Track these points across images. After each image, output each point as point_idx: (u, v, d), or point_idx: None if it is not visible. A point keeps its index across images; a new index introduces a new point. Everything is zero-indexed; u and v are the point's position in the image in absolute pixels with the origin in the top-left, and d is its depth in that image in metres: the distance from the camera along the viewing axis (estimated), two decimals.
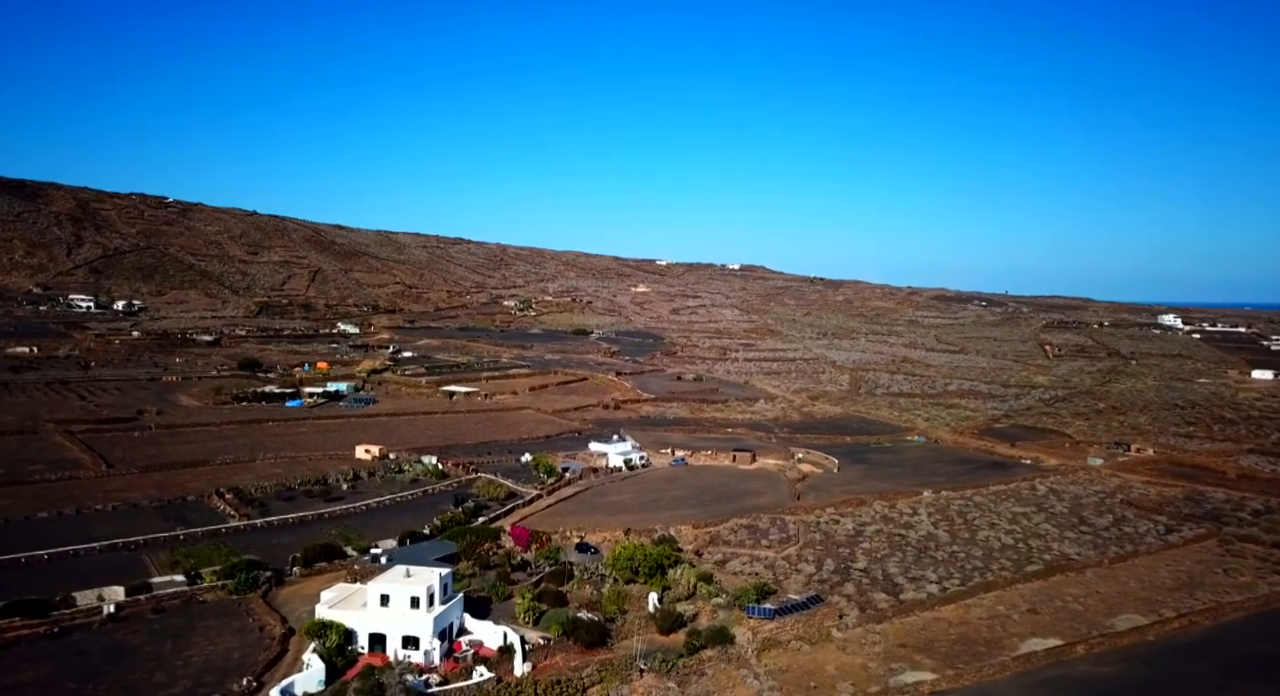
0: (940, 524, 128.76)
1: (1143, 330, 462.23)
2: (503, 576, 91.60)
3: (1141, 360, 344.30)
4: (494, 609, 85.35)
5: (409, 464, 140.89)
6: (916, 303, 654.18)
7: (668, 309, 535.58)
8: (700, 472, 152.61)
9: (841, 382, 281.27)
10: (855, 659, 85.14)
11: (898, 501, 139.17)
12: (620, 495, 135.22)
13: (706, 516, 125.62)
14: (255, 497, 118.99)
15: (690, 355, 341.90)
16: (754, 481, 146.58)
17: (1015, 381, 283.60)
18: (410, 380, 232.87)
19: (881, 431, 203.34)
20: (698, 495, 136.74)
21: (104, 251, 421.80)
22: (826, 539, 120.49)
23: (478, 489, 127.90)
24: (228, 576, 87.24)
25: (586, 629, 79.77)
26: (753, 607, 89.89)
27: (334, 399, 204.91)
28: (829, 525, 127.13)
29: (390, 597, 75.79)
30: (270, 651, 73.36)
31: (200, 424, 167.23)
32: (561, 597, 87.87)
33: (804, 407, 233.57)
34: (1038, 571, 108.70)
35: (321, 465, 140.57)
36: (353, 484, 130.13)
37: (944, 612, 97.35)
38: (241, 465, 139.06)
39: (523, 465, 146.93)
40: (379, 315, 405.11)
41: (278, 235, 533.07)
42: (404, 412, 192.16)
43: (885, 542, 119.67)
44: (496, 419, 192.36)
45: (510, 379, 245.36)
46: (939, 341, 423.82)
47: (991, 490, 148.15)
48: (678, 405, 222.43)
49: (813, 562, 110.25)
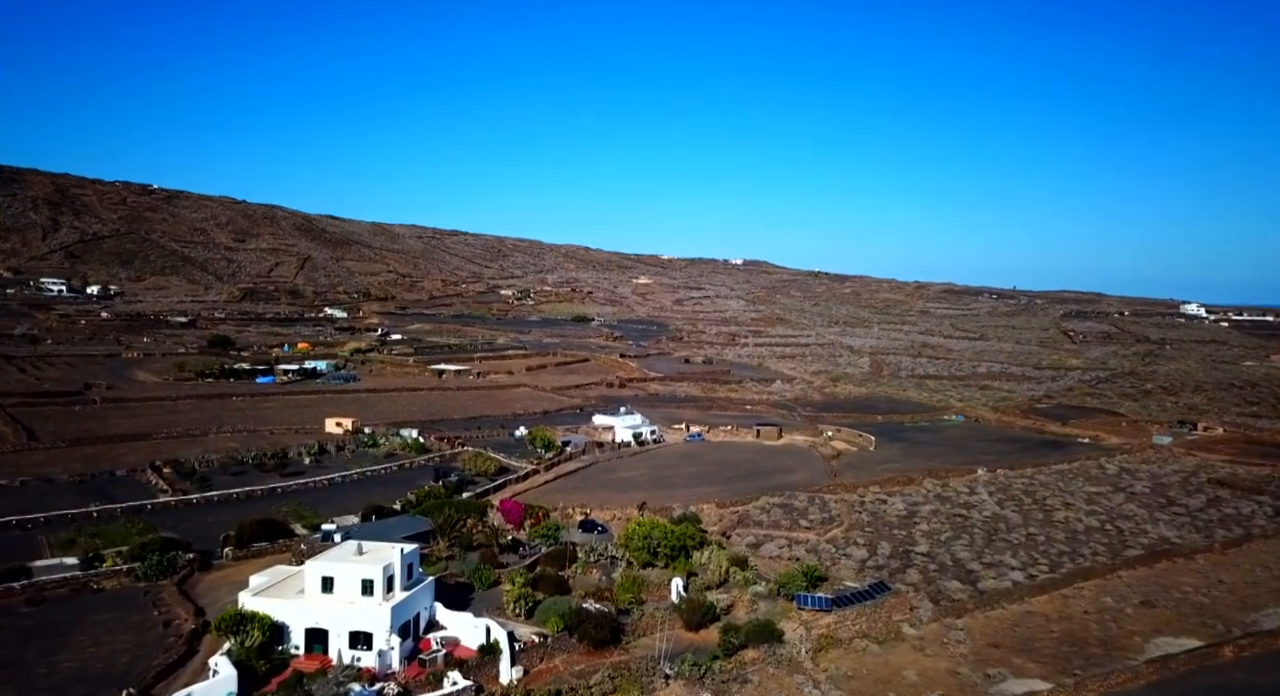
0: (1006, 504, 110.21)
1: (1166, 319, 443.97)
2: (488, 558, 72.96)
3: (1175, 345, 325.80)
4: (476, 598, 66.75)
5: (385, 437, 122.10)
6: (926, 295, 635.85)
7: (671, 300, 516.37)
8: (720, 448, 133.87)
9: (861, 365, 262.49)
10: (939, 662, 66.41)
11: (950, 479, 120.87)
12: (630, 471, 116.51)
13: (732, 494, 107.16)
14: (196, 471, 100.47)
15: (697, 341, 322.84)
16: (783, 457, 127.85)
17: (1047, 364, 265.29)
18: (397, 359, 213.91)
19: (914, 411, 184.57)
20: (719, 472, 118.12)
21: (81, 236, 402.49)
22: (875, 519, 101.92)
23: (463, 463, 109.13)
24: (137, 559, 68.63)
25: (594, 623, 61.27)
26: (804, 596, 71.23)
27: (311, 376, 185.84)
28: (875, 504, 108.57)
29: (335, 581, 57.14)
30: (172, 653, 54.71)
31: (153, 398, 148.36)
32: (562, 584, 69.34)
33: (825, 388, 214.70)
34: (1139, 557, 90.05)
35: (285, 440, 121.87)
36: (317, 458, 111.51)
37: (1036, 604, 78.76)
38: (191, 439, 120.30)
39: (517, 440, 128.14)
40: (370, 302, 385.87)
41: (267, 223, 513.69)
42: (387, 389, 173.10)
43: (946, 523, 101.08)
44: (489, 396, 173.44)
45: (505, 359, 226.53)
46: (955, 329, 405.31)
47: (1055, 468, 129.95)
48: (688, 384, 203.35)
49: (864, 546, 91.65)
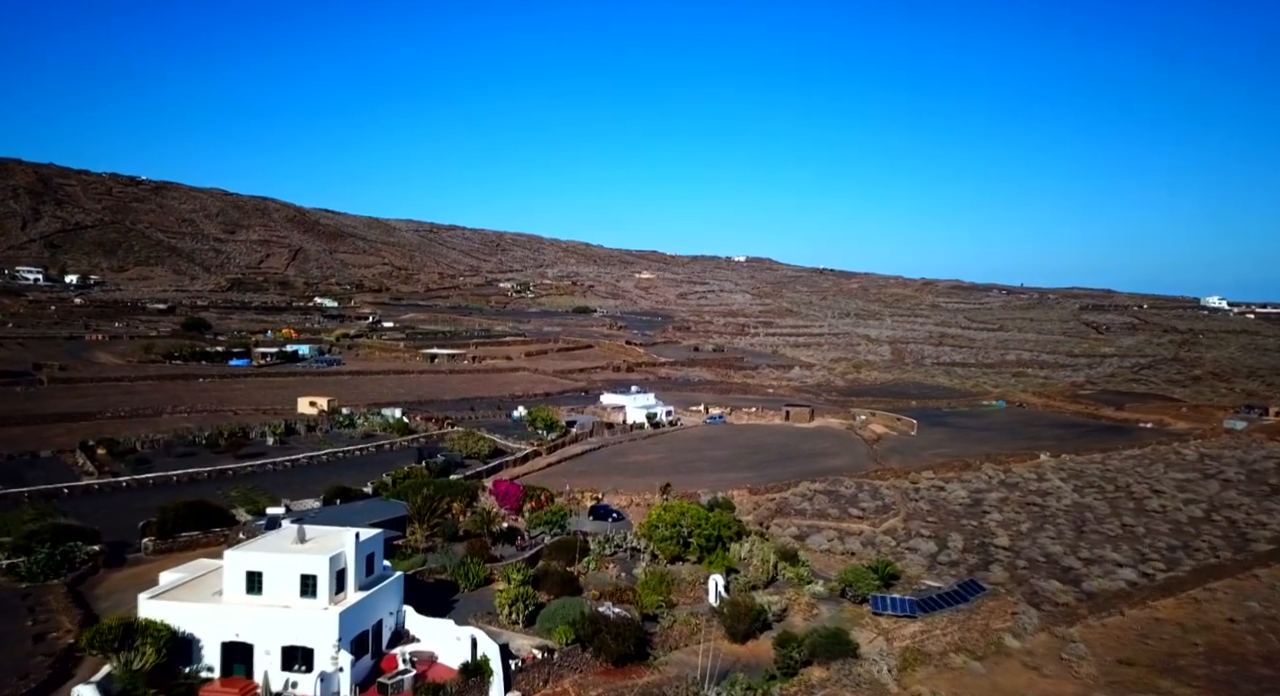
0: (1085, 491, 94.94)
1: (1188, 312, 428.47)
2: (478, 550, 57.62)
3: (1208, 335, 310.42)
4: (460, 600, 51.52)
5: (364, 417, 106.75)
6: (935, 290, 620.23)
7: (674, 294, 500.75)
8: (745, 431, 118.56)
9: (882, 353, 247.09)
10: (1063, 685, 51.05)
11: (1012, 465, 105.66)
12: (645, 454, 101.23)
13: (765, 480, 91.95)
14: (137, 451, 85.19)
15: (705, 331, 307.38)
16: (819, 440, 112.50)
17: (1079, 352, 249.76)
18: (387, 343, 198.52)
19: (949, 396, 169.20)
20: (747, 455, 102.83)
21: (63, 226, 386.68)
22: (937, 508, 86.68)
23: (452, 443, 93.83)
24: (23, 552, 53.31)
25: (614, 632, 46.14)
26: (881, 598, 55.95)
27: (291, 360, 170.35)
28: (932, 491, 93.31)
29: (264, 577, 41.82)
30: (32, 679, 39.35)
31: (108, 379, 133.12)
32: (571, 582, 54.09)
33: (848, 375, 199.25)
34: (1272, 552, 74.79)
35: (251, 420, 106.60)
36: (283, 438, 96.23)
37: (1162, 610, 63.41)
38: (140, 419, 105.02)
39: (515, 421, 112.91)
40: (363, 294, 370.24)
41: (258, 215, 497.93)
42: (372, 371, 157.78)
43: (1021, 512, 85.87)
44: (484, 379, 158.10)
45: (503, 345, 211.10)
46: (972, 321, 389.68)
47: (1126, 454, 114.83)
48: (701, 369, 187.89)
49: (930, 537, 76.41)
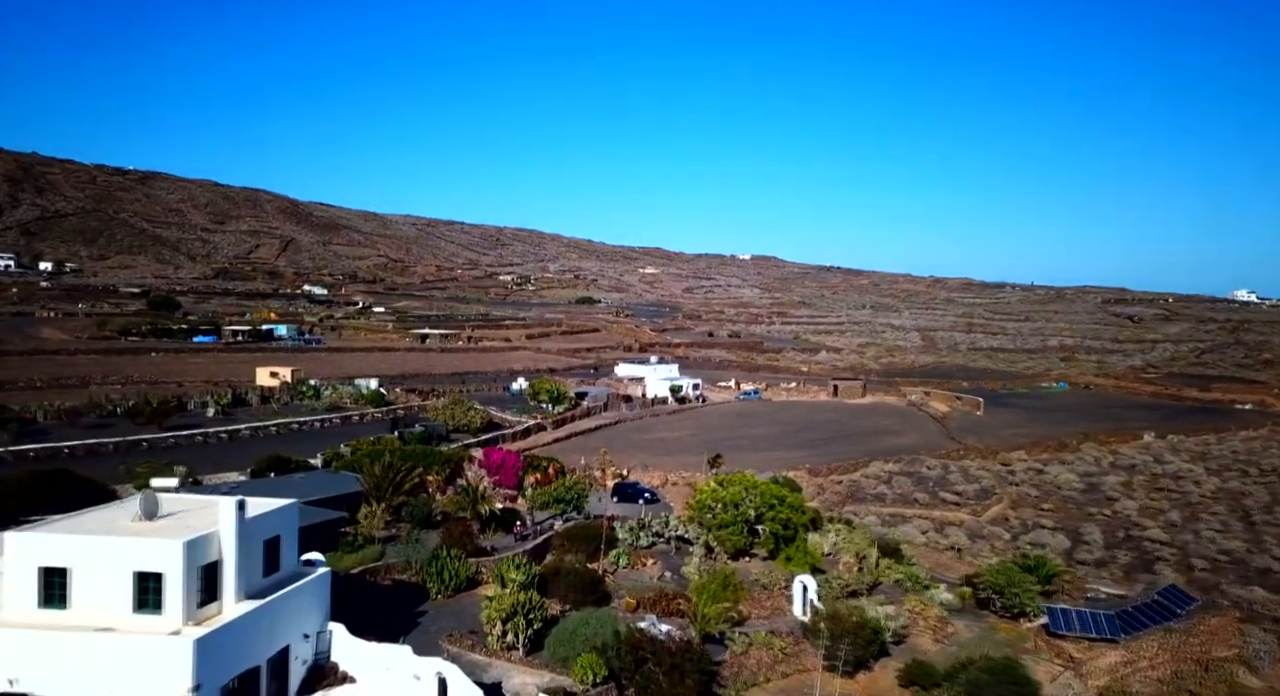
0: (1224, 474, 76.99)
1: (1218, 304, 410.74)
2: (458, 538, 39.43)
3: (1251, 325, 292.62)
4: (430, 612, 33.57)
5: (332, 387, 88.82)
6: (947, 287, 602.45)
7: (680, 288, 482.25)
8: (788, 407, 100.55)
9: (911, 339, 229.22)
10: None
11: (1116, 446, 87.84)
12: (671, 431, 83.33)
13: (824, 459, 74.07)
14: (34, 422, 67.30)
15: (718, 319, 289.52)
16: (878, 417, 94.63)
17: (1124, 338, 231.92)
18: (375, 325, 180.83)
19: (1000, 378, 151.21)
20: (796, 433, 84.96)
21: (42, 213, 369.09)
22: (1047, 493, 68.77)
23: (435, 414, 75.87)
24: None
25: (669, 663, 28.26)
26: (1060, 612, 37.94)
27: (265, 338, 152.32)
28: (1030, 473, 75.36)
29: (71, 578, 23.77)
30: None
31: (43, 352, 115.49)
32: (593, 586, 36.08)
33: (881, 359, 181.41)
34: None
35: (198, 392, 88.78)
36: (226, 409, 78.26)
37: None
38: (61, 389, 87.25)
39: (513, 394, 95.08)
40: (356, 284, 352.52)
41: (249, 206, 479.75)
42: (354, 348, 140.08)
43: (1160, 499, 67.90)
44: (481, 358, 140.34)
45: (503, 329, 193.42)
46: (994, 313, 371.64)
47: (1242, 435, 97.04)
48: (721, 350, 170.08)
49: (1057, 529, 58.48)
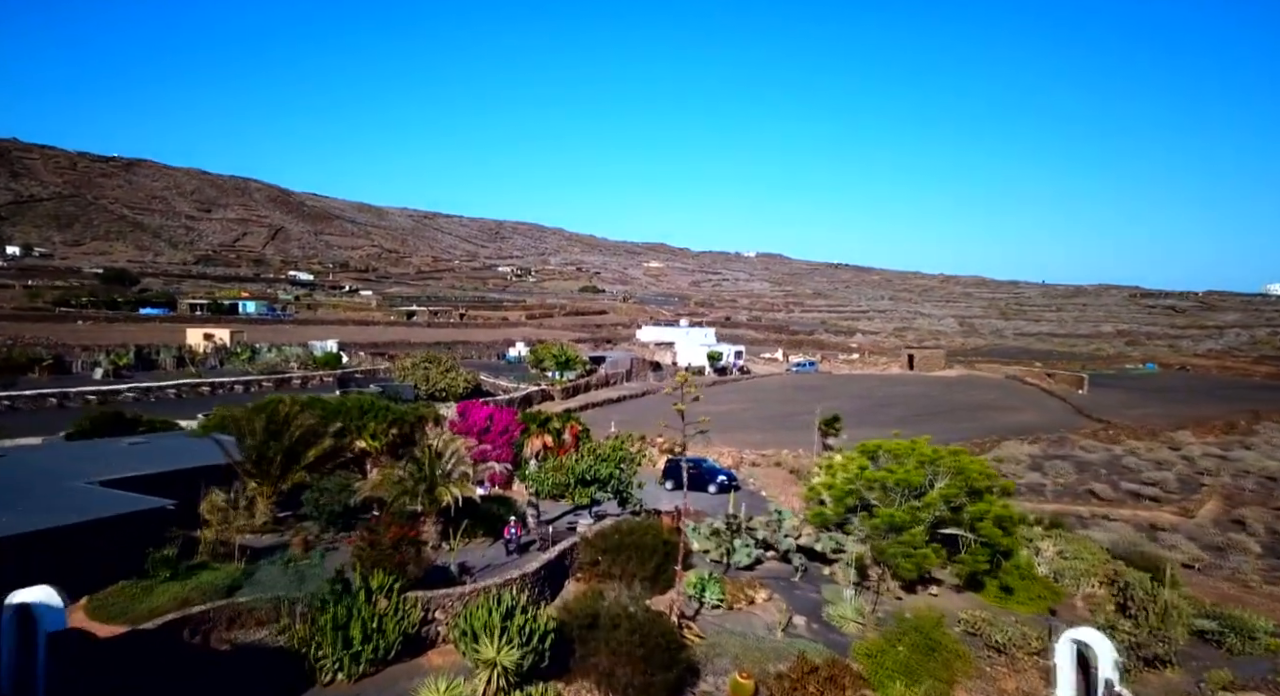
0: None
1: (1254, 299, 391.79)
2: (383, 552, 19.06)
3: None
4: None
5: (277, 349, 69.11)
6: (962, 283, 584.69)
7: (687, 282, 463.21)
8: (855, 380, 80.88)
9: (948, 324, 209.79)
10: None
11: None
12: (718, 404, 63.52)
13: (934, 438, 54.21)
14: None
15: (733, 307, 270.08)
16: (978, 391, 74.85)
17: (1184, 324, 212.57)
18: (356, 304, 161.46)
19: (1078, 359, 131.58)
20: (878, 408, 65.21)
21: (15, 198, 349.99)
22: (1264, 486, 49.27)
23: (401, 373, 56.14)
24: None
25: None
26: None
27: (227, 313, 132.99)
28: (1210, 459, 55.80)
29: None
30: None
31: None
32: (666, 655, 15.72)
33: (924, 342, 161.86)
34: None
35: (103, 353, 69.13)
36: (123, 369, 58.50)
37: None
38: None
39: (510, 361, 75.71)
40: (347, 273, 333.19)
41: (237, 194, 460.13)
42: (325, 321, 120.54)
43: None
44: (473, 333, 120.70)
45: (500, 310, 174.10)
46: (1019, 306, 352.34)
47: None
48: (749, 330, 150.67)
49: None
